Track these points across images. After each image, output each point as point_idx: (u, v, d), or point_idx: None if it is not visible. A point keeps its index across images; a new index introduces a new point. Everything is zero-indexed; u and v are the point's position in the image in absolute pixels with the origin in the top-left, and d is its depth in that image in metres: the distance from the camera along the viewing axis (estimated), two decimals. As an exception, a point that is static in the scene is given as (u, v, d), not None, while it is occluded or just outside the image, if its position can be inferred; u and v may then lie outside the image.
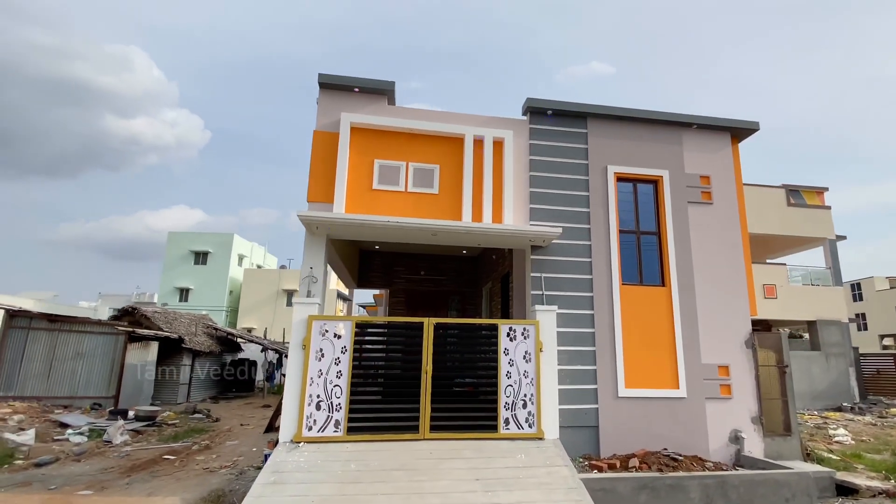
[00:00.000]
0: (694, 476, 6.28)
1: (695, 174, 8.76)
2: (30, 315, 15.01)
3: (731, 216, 8.71)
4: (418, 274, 13.05)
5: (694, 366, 7.98)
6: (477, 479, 5.95)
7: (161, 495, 6.80)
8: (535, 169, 8.39)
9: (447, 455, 6.51)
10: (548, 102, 8.54)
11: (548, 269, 8.04)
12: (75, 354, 14.92)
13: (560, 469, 6.25)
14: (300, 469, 6.01)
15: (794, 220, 17.92)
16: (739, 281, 8.47)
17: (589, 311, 7.96)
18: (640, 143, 8.75)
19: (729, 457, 7.75)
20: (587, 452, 7.48)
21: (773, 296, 17.00)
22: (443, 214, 7.95)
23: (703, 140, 8.97)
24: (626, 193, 8.65)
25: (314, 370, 6.86)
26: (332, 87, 8.10)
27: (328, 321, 7.07)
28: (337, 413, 6.78)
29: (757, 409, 8.03)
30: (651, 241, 8.53)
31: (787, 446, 7.96)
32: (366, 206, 7.79)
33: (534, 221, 8.15)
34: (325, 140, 7.90)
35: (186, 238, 45.08)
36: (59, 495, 6.69)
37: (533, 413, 7.14)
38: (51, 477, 7.63)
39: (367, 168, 7.96)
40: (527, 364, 7.29)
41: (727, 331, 8.23)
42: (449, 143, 8.24)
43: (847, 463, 8.68)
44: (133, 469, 8.29)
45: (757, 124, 9.00)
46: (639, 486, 6.13)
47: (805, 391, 16.47)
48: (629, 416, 7.66)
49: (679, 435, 7.68)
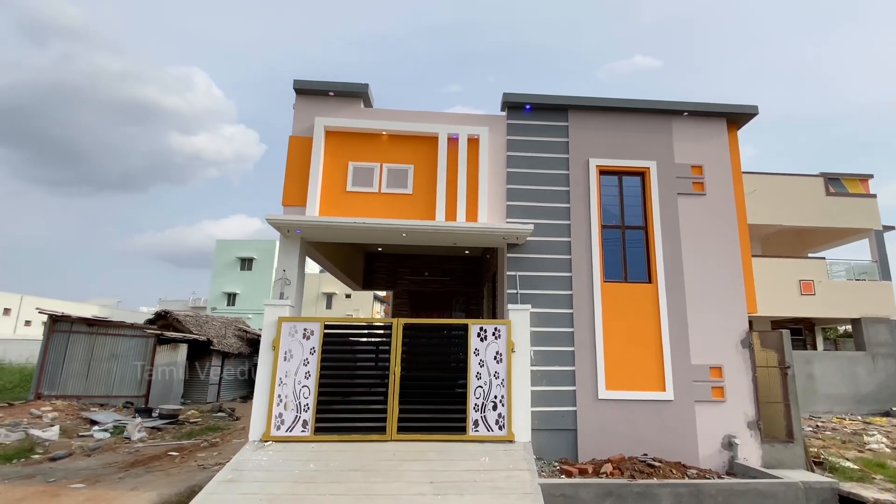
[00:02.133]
0: (665, 484, 5.92)
1: (686, 164, 8.29)
2: (70, 319, 16.12)
3: (726, 207, 8.18)
4: (422, 275, 13.05)
5: (682, 367, 7.54)
6: (431, 481, 5.87)
7: (144, 490, 7.11)
8: (513, 165, 8.20)
9: (410, 457, 6.46)
10: (526, 96, 8.34)
11: (525, 267, 7.83)
12: (110, 356, 15.91)
13: (521, 473, 6.06)
14: (260, 468, 6.14)
15: (835, 210, 16.59)
16: (736, 276, 7.93)
17: (568, 310, 7.69)
18: (625, 134, 8.38)
19: (722, 464, 7.26)
20: (564, 457, 7.22)
21: (810, 292, 15.81)
22: (417, 214, 7.91)
23: (695, 128, 8.47)
24: (611, 187, 8.31)
25: (283, 371, 6.98)
26: (308, 92, 8.25)
27: (298, 322, 7.19)
28: (305, 413, 6.87)
29: (754, 413, 7.48)
30: (638, 237, 8.14)
31: (789, 454, 7.37)
32: (340, 209, 7.87)
33: (511, 219, 7.97)
34: (300, 144, 8.05)
35: (233, 246, 47.15)
36: (52, 487, 7.13)
37: (503, 415, 6.97)
38: (56, 470, 8.16)
39: (341, 171, 8.04)
40: (498, 365, 7.13)
41: (721, 330, 7.72)
42: (423, 142, 8.19)
43: (865, 473, 7.93)
44: (134, 464, 8.73)
45: (756, 108, 8.41)
46: (603, 493, 5.85)
47: (848, 395, 15.23)
48: (611, 420, 7.33)
49: (666, 440, 7.27)
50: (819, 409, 15.10)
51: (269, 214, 7.19)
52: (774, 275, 15.92)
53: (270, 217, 7.21)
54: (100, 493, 6.92)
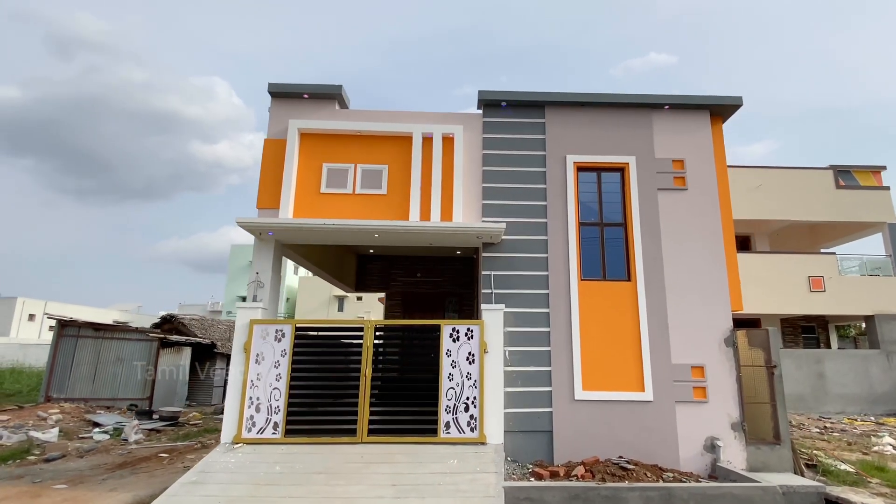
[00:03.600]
0: (634, 487, 5.75)
1: (666, 159, 8.07)
2: (78, 324, 16.50)
3: (708, 202, 7.93)
4: (415, 276, 13.00)
5: (662, 366, 7.33)
6: (394, 484, 5.80)
7: (122, 491, 7.20)
8: (489, 163, 8.10)
9: (377, 459, 6.41)
10: (501, 94, 8.23)
11: (501, 266, 7.73)
12: (116, 359, 16.24)
13: (487, 476, 5.96)
14: (226, 470, 6.16)
15: (845, 203, 16.02)
16: (719, 272, 7.68)
17: (544, 310, 7.55)
18: (604, 130, 8.20)
19: (704, 467, 7.03)
20: (541, 459, 7.08)
21: (820, 288, 15.27)
22: (391, 215, 7.86)
23: (677, 121, 8.25)
24: (590, 184, 8.14)
25: (255, 373, 7.01)
26: (283, 95, 8.28)
27: (269, 325, 7.20)
28: (276, 415, 6.88)
29: (738, 414, 7.23)
30: (617, 234, 7.95)
31: (776, 456, 7.10)
32: (314, 211, 7.87)
33: (486, 218, 7.87)
34: (275, 147, 8.08)
35: (247, 251, 47.82)
36: (35, 488, 7.28)
37: (475, 417, 6.87)
38: (46, 471, 8.33)
39: (315, 172, 8.04)
40: (470, 366, 7.04)
41: (703, 328, 7.48)
42: (398, 142, 8.15)
43: (860, 477, 7.60)
44: (122, 466, 8.86)
45: (740, 99, 8.15)
46: (569, 497, 5.70)
47: (861, 394, 14.66)
48: (587, 421, 7.17)
49: (645, 442, 7.08)
50: (831, 409, 14.59)
51: (239, 217, 7.23)
52: (782, 271, 15.45)
53: (241, 220, 7.24)
54: (78, 494, 7.03)
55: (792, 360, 14.82)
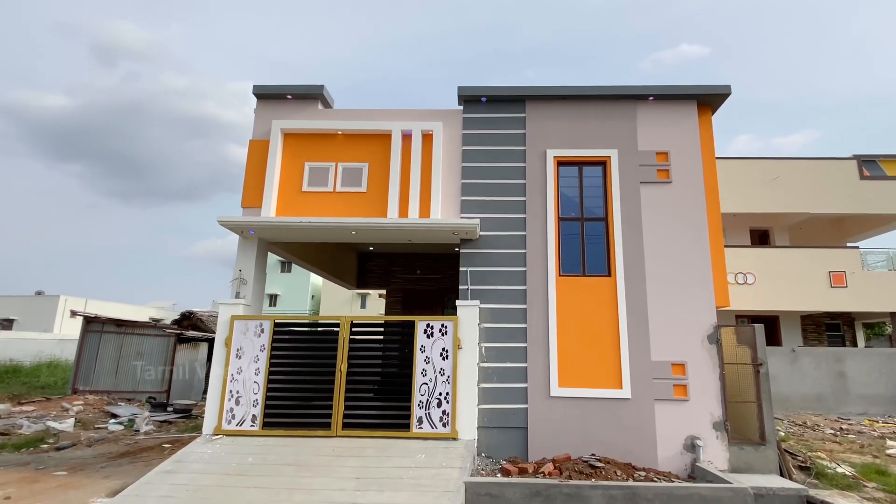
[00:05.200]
0: (597, 485, 5.66)
1: (650, 151, 7.87)
2: (101, 321, 17.29)
3: (693, 195, 7.70)
4: (414, 273, 13.08)
5: (641, 363, 7.17)
6: (358, 477, 5.89)
7: (115, 478, 7.53)
8: (469, 159, 8.09)
9: (348, 453, 6.52)
10: (481, 89, 8.19)
11: (479, 262, 7.71)
12: (136, 354, 16.95)
13: (451, 472, 5.99)
14: (201, 460, 6.38)
15: (870, 195, 15.19)
16: (703, 268, 7.46)
17: (522, 306, 7.50)
18: (586, 123, 8.06)
19: (684, 467, 6.85)
20: (515, 455, 7.04)
21: (841, 284, 14.56)
22: (371, 212, 7.95)
23: (661, 113, 8.03)
24: (571, 178, 8.02)
25: (235, 367, 7.23)
26: (267, 96, 8.47)
27: (250, 321, 7.41)
28: (254, 408, 7.08)
29: (721, 413, 7.01)
30: (599, 229, 7.81)
31: (760, 457, 6.85)
32: (296, 209, 8.03)
33: (464, 214, 7.87)
34: (260, 148, 8.27)
35: (273, 248, 48.89)
36: (36, 474, 7.70)
37: (448, 412, 6.90)
38: (52, 459, 8.80)
39: (298, 171, 8.20)
40: (444, 362, 7.07)
41: (685, 324, 7.28)
42: (378, 140, 8.23)
43: (857, 480, 7.25)
44: (123, 455, 9.27)
45: (728, 88, 7.87)
46: (531, 494, 5.67)
47: (886, 395, 13.92)
48: (564, 418, 7.09)
49: (622, 440, 6.95)
50: (852, 410, 13.92)
51: (220, 217, 7.44)
52: (801, 266, 14.82)
53: (222, 219, 7.46)
54: (73, 480, 7.41)
55: (811, 358, 14.21)
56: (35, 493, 6.82)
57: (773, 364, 13.89)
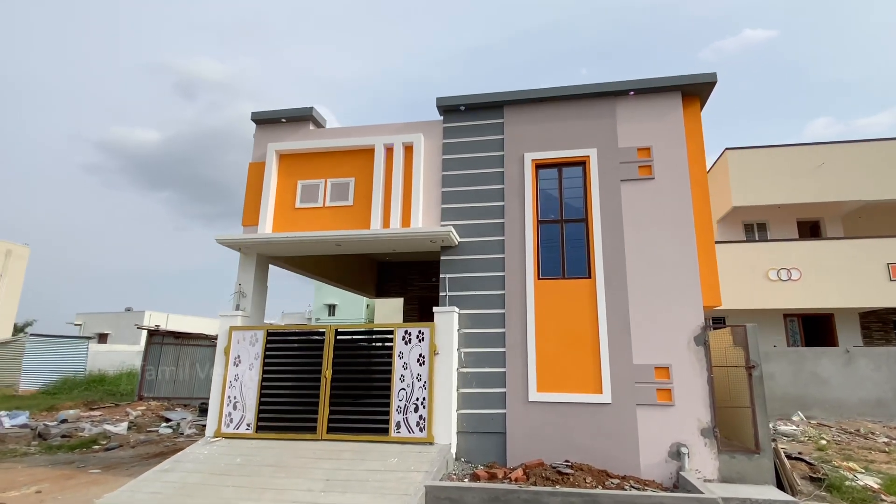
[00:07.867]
0: (556, 492, 5.59)
1: (631, 147, 7.64)
2: (162, 333, 18.93)
3: (678, 190, 7.37)
4: (430, 281, 13.29)
5: (623, 367, 6.95)
6: (328, 479, 6.19)
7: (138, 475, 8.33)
8: (448, 168, 8.23)
9: (327, 455, 6.84)
10: (460, 98, 8.33)
11: (460, 268, 7.82)
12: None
13: (415, 475, 6.13)
14: (195, 461, 6.94)
15: (936, 176, 13.62)
16: (689, 265, 7.11)
17: (500, 311, 7.51)
18: (564, 124, 7.97)
19: (669, 475, 6.55)
20: (493, 461, 7.05)
21: (902, 277, 13.13)
22: (357, 224, 8.29)
23: (644, 107, 7.77)
24: (551, 181, 7.95)
25: (233, 374, 7.78)
26: (264, 121, 9.07)
27: (246, 331, 7.95)
28: (249, 413, 7.59)
29: (709, 419, 6.64)
30: (579, 230, 7.67)
31: (754, 467, 6.41)
32: (290, 225, 8.53)
33: (445, 222, 8.01)
34: (258, 170, 8.88)
35: (331, 260, 50.95)
36: (73, 472, 8.65)
37: (424, 417, 7.05)
38: (96, 458, 9.82)
39: (291, 190, 8.71)
40: (421, 367, 7.23)
41: (670, 326, 6.97)
42: (363, 155, 8.56)
43: (875, 494, 6.58)
44: (157, 455, 10.15)
45: (714, 76, 7.48)
46: (489, 499, 5.69)
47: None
48: (542, 424, 7.01)
49: (603, 446, 6.77)
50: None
51: (218, 235, 8.07)
52: (855, 259, 13.53)
53: (219, 237, 8.08)
54: (101, 477, 8.27)
55: (869, 359, 12.91)
56: (65, 488, 7.69)
57: (825, 366, 12.81)
